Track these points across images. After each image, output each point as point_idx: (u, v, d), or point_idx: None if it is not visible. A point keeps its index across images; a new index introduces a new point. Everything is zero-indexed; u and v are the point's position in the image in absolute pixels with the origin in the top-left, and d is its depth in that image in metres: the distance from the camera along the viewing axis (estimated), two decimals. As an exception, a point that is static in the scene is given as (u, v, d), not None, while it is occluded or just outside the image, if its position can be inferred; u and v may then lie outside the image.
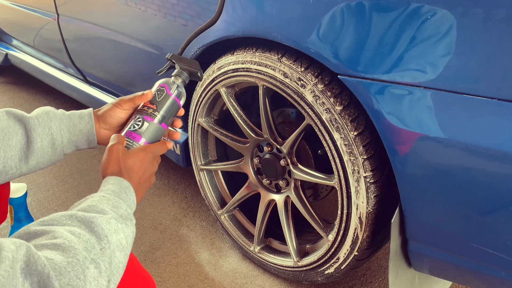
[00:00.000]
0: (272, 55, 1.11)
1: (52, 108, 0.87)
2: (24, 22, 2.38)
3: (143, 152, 0.82)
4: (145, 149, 0.83)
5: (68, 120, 0.86)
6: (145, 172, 0.81)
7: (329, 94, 1.02)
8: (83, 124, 0.87)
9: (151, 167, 0.83)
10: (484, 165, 0.81)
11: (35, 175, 2.00)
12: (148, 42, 1.50)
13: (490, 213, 0.83)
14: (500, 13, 0.74)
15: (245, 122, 1.28)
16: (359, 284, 1.40)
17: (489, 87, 0.77)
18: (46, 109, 0.85)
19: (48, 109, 0.85)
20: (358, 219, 1.07)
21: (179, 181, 1.95)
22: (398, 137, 0.89)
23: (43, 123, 0.82)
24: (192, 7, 1.26)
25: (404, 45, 0.84)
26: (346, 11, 0.90)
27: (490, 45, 0.76)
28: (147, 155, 0.82)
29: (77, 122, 0.86)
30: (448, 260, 0.95)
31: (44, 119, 0.83)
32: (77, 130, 0.86)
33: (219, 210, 1.50)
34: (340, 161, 1.05)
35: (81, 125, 0.87)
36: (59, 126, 0.84)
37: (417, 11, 0.81)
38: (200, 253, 1.54)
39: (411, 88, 0.85)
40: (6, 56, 2.73)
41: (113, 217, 0.66)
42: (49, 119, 0.83)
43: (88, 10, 1.75)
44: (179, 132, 0.91)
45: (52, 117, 0.84)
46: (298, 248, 1.31)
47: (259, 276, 1.45)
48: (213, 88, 1.29)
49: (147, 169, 0.81)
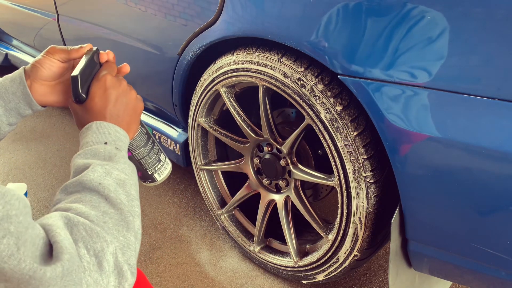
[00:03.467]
0: (272, 55, 1.11)
1: None
2: (24, 22, 2.38)
3: (95, 84, 0.74)
4: (96, 80, 0.75)
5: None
6: (108, 98, 0.73)
7: (329, 94, 1.02)
8: (15, 87, 0.76)
9: (116, 90, 0.74)
10: (484, 165, 0.81)
11: (35, 175, 2.00)
12: (148, 42, 1.50)
13: (490, 213, 0.83)
14: (500, 13, 0.74)
15: (245, 122, 1.28)
16: (359, 284, 1.40)
17: (489, 87, 0.77)
18: None
19: None
20: (358, 219, 1.07)
21: (179, 181, 1.95)
22: (398, 137, 0.89)
23: None
24: (192, 7, 1.26)
25: (404, 45, 0.84)
26: (346, 11, 0.90)
27: (490, 45, 0.76)
28: (100, 83, 0.74)
29: (8, 86, 0.76)
30: (448, 260, 0.95)
31: None
32: (10, 94, 0.76)
33: (219, 210, 1.50)
34: (340, 161, 1.05)
35: (13, 88, 0.76)
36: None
37: (417, 11, 0.81)
38: (200, 253, 1.54)
39: (411, 88, 0.85)
40: (6, 56, 2.73)
41: (96, 164, 0.63)
42: None
43: (88, 10, 1.75)
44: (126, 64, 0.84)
45: None
46: (298, 248, 1.31)
47: (259, 276, 1.45)
48: (213, 88, 1.29)
49: (110, 94, 0.73)
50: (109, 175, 0.62)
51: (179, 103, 1.49)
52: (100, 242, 0.54)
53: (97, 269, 0.52)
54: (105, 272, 0.53)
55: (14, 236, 0.46)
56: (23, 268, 0.47)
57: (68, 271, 0.49)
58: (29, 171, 2.04)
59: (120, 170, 0.64)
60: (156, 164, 0.89)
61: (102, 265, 0.53)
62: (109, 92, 0.73)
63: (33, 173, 2.02)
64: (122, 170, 0.65)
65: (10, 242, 0.46)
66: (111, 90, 0.74)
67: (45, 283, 0.48)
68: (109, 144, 0.68)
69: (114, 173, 0.63)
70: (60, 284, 0.48)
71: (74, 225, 0.53)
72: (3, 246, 0.45)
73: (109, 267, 0.53)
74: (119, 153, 0.67)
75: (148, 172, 0.88)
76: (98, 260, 0.53)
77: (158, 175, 0.90)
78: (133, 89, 0.78)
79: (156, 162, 0.89)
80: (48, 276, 0.48)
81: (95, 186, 0.60)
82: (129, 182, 0.64)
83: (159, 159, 0.90)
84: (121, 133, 0.71)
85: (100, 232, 0.55)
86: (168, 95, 1.50)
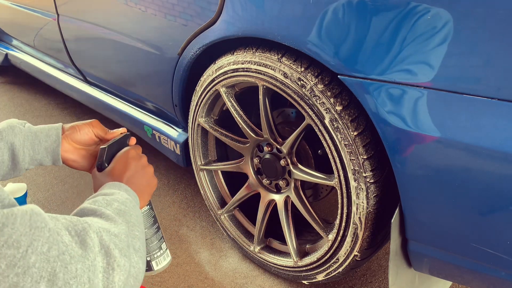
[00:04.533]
0: (272, 55, 1.11)
1: (21, 122, 0.84)
2: (24, 22, 2.38)
3: (119, 154, 0.82)
4: (121, 151, 0.83)
5: (33, 138, 0.83)
6: (128, 166, 0.79)
7: (329, 94, 1.02)
8: (49, 143, 0.84)
9: (136, 161, 0.81)
10: (484, 165, 0.81)
11: (35, 175, 2.00)
12: (148, 42, 1.50)
13: (490, 213, 0.83)
14: (500, 13, 0.74)
15: (245, 122, 1.28)
16: (359, 284, 1.40)
17: (489, 87, 0.77)
18: (12, 123, 0.82)
19: (14, 123, 0.82)
20: (358, 219, 1.07)
21: (179, 181, 1.95)
22: (398, 137, 0.89)
23: (6, 137, 0.80)
24: (192, 7, 1.26)
25: (404, 45, 0.84)
26: (346, 11, 0.90)
27: (490, 45, 0.76)
28: (124, 153, 0.82)
29: (43, 140, 0.83)
30: (448, 260, 0.95)
31: (8, 134, 0.80)
32: (42, 148, 0.83)
33: (219, 210, 1.50)
34: (340, 161, 1.05)
35: (47, 143, 0.83)
36: (23, 142, 0.81)
37: (417, 11, 0.81)
38: (200, 253, 1.54)
39: (411, 88, 0.85)
40: (6, 56, 2.73)
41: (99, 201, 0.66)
42: (13, 134, 0.80)
43: (88, 10, 1.75)
44: None
45: (18, 133, 0.81)
46: (298, 248, 1.31)
47: (259, 276, 1.45)
48: (213, 88, 1.29)
49: (130, 164, 0.79)
50: (109, 205, 0.64)
51: (179, 103, 1.49)
52: (81, 224, 0.55)
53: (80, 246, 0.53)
54: (90, 248, 0.53)
55: None
56: None
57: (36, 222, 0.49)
58: (29, 171, 2.04)
59: (120, 203, 0.66)
60: (156, 251, 0.87)
61: (86, 242, 0.53)
62: (130, 161, 0.80)
63: (33, 173, 2.02)
64: (121, 203, 0.66)
65: None
66: (132, 160, 0.80)
67: (17, 231, 0.47)
68: (118, 195, 0.70)
69: (114, 204, 0.65)
70: (29, 233, 0.48)
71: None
72: None
73: (94, 245, 0.54)
74: (119, 197, 0.69)
75: (146, 258, 0.85)
76: (81, 239, 0.53)
77: (156, 263, 0.87)
78: (152, 166, 0.84)
79: (157, 249, 0.87)
80: (19, 222, 0.47)
81: (93, 209, 0.62)
82: (129, 212, 0.66)
83: (160, 247, 0.88)
84: (131, 193, 0.74)
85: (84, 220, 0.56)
86: (168, 95, 1.50)
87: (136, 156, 0.82)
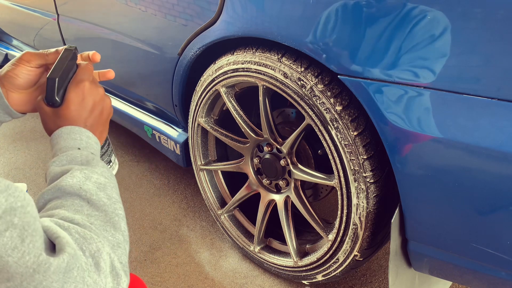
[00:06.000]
0: (272, 55, 1.11)
1: None
2: (24, 22, 2.38)
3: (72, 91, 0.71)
4: (74, 85, 0.71)
5: None
6: (85, 107, 0.71)
7: (329, 94, 1.02)
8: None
9: (93, 97, 0.72)
10: (484, 165, 0.81)
11: (35, 175, 2.00)
12: (148, 42, 1.50)
13: (490, 213, 0.83)
14: (500, 13, 0.74)
15: (245, 122, 1.28)
16: (359, 284, 1.40)
17: (489, 87, 0.77)
18: None
19: None
20: (358, 219, 1.07)
21: (179, 181, 1.95)
22: (398, 137, 0.89)
23: None
24: (192, 7, 1.26)
25: (404, 45, 0.84)
26: (346, 11, 0.90)
27: (490, 45, 0.76)
28: (78, 90, 0.71)
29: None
30: (448, 260, 0.95)
31: None
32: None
33: (219, 210, 1.50)
34: (340, 161, 1.05)
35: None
36: None
37: (417, 11, 0.81)
38: (200, 253, 1.54)
39: (411, 88, 0.85)
40: (6, 56, 2.73)
41: (74, 170, 0.62)
42: None
43: (88, 10, 1.75)
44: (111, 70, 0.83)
45: None
46: (298, 248, 1.31)
47: (259, 276, 1.45)
48: (213, 88, 1.29)
49: (87, 102, 0.71)
50: (88, 179, 0.61)
51: (179, 103, 1.49)
52: (95, 243, 0.53)
53: (95, 269, 0.52)
54: (103, 272, 0.52)
55: (18, 228, 0.45)
56: (27, 261, 0.46)
57: (71, 267, 0.49)
58: (29, 171, 2.04)
59: (100, 174, 0.63)
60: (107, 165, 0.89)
61: (99, 266, 0.52)
62: (87, 100, 0.71)
63: (33, 173, 2.02)
64: (101, 174, 0.64)
65: (14, 234, 0.45)
66: (89, 98, 0.71)
67: (49, 278, 0.47)
68: (82, 150, 0.66)
69: (94, 177, 0.62)
70: (62, 280, 0.48)
71: (65, 229, 0.53)
72: (6, 239, 0.44)
73: (106, 267, 0.53)
74: (96, 158, 0.66)
75: None
76: (95, 261, 0.52)
77: None
78: (109, 97, 0.75)
79: (107, 164, 0.88)
80: (52, 270, 0.47)
81: (75, 191, 0.59)
82: (110, 185, 0.63)
83: (110, 161, 0.89)
84: (93, 139, 0.70)
85: (90, 233, 0.54)
86: (168, 95, 1.50)
87: (93, 91, 0.72)
